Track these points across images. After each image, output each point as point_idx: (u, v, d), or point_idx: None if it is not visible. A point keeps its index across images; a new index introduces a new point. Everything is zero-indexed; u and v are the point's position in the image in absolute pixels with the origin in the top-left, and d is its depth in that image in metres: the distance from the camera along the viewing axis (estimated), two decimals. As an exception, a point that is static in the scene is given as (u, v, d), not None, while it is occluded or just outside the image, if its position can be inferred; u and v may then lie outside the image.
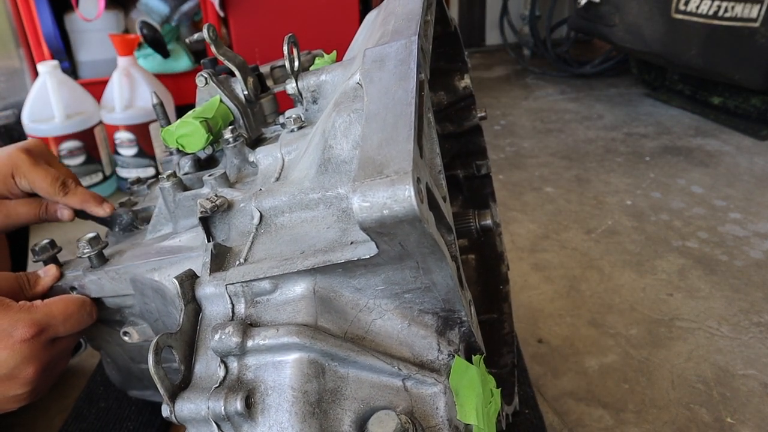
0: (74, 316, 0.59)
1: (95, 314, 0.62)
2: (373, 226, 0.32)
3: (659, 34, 2.19)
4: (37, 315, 0.56)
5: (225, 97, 0.67)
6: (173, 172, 0.61)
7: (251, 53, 1.97)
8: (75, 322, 0.59)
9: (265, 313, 0.41)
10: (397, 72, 0.41)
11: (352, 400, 0.39)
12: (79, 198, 0.72)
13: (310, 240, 0.43)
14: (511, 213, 1.65)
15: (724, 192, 1.72)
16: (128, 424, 0.90)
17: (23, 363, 0.55)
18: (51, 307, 0.57)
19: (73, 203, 0.72)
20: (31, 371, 0.56)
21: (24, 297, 0.62)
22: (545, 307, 1.23)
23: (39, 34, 1.87)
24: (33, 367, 0.56)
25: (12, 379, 0.56)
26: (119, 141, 1.78)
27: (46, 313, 0.56)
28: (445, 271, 0.38)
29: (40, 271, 0.65)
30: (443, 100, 0.85)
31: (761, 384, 1.01)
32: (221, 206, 0.49)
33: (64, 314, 0.58)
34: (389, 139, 0.35)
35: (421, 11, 0.49)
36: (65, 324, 0.58)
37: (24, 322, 0.55)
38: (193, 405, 0.38)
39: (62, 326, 0.58)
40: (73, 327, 0.59)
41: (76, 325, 0.59)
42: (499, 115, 2.49)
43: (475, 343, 0.46)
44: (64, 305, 0.58)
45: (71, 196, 0.71)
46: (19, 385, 0.57)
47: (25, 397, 0.59)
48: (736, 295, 1.24)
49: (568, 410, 0.97)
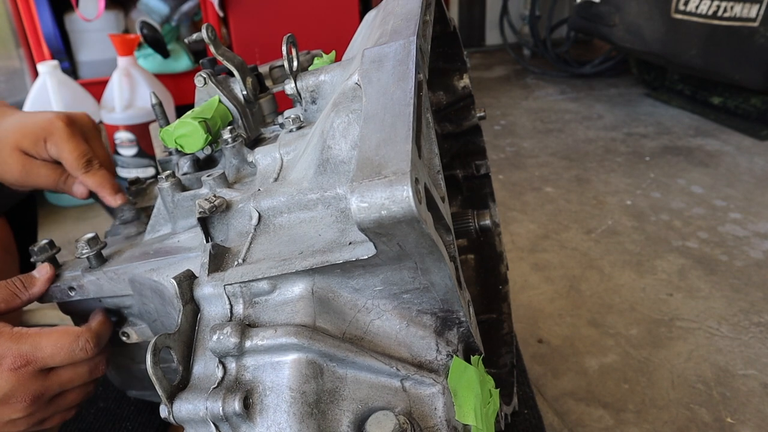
0: (64, 349, 0.56)
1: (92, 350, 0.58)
2: (372, 226, 0.32)
3: (659, 34, 2.19)
4: (23, 346, 0.55)
5: (224, 97, 0.67)
6: (172, 173, 0.61)
7: (251, 53, 1.97)
8: (65, 356, 0.57)
9: (263, 313, 0.41)
10: (395, 72, 0.41)
11: (351, 400, 0.39)
12: (96, 180, 0.72)
13: (308, 240, 0.43)
14: (511, 213, 1.65)
15: (724, 192, 1.72)
16: (127, 425, 0.90)
17: (13, 391, 0.55)
18: (41, 338, 0.56)
19: (89, 183, 0.73)
20: (21, 398, 0.56)
21: (20, 301, 0.62)
22: (545, 307, 1.23)
23: (39, 34, 1.87)
24: (22, 395, 0.55)
25: (5, 405, 0.55)
26: (119, 141, 1.78)
27: (33, 344, 0.55)
28: (443, 271, 0.38)
29: (35, 271, 0.64)
30: (442, 99, 0.85)
31: (761, 384, 1.01)
32: (220, 207, 0.49)
33: (54, 347, 0.56)
34: (387, 140, 0.34)
35: (419, 11, 0.49)
36: (53, 357, 0.56)
37: (12, 351, 0.54)
38: (191, 405, 0.38)
39: (50, 359, 0.56)
40: (64, 360, 0.57)
41: (67, 359, 0.57)
42: (499, 115, 2.49)
43: (474, 344, 0.46)
44: (56, 338, 0.57)
45: (90, 176, 0.72)
46: (13, 411, 0.56)
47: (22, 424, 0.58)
48: (736, 295, 1.24)
49: (568, 410, 0.97)
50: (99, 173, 0.73)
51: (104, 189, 0.73)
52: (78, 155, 0.71)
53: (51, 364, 0.57)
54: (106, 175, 0.73)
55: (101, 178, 0.73)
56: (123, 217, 0.74)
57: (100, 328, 0.60)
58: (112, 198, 0.73)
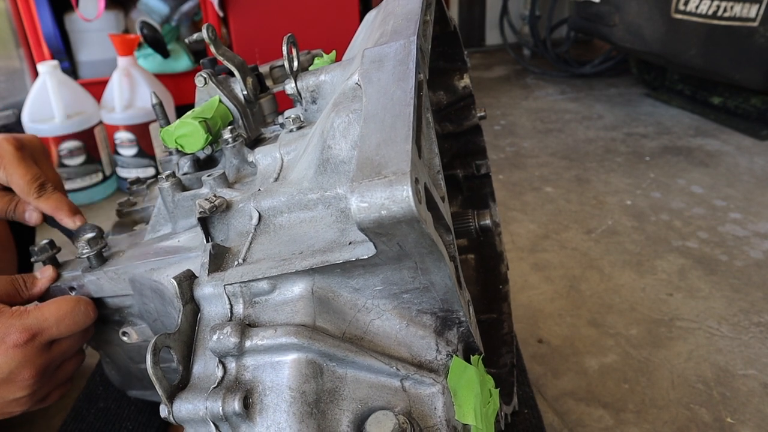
0: (68, 317, 0.58)
1: (93, 312, 0.61)
2: (371, 226, 0.32)
3: (659, 34, 2.19)
4: (28, 320, 0.55)
5: (224, 97, 0.67)
6: (172, 173, 0.61)
7: (251, 53, 1.97)
8: (70, 323, 0.58)
9: (263, 313, 0.41)
10: (395, 72, 0.41)
11: (350, 400, 0.39)
12: (52, 204, 0.69)
13: (308, 240, 0.43)
14: (511, 213, 1.65)
15: (724, 192, 1.72)
16: (127, 424, 0.90)
17: (18, 368, 0.55)
18: (43, 310, 0.57)
19: (44, 207, 0.69)
20: (27, 375, 0.56)
21: (21, 299, 0.62)
22: (545, 307, 1.23)
23: (39, 34, 1.87)
24: (29, 371, 0.56)
25: (9, 383, 0.56)
26: (119, 141, 1.78)
27: (37, 317, 0.56)
28: (443, 271, 0.38)
29: (37, 272, 0.64)
30: (443, 99, 0.85)
31: (761, 384, 1.01)
32: (220, 206, 0.49)
33: (57, 316, 0.57)
34: (387, 140, 0.35)
35: (420, 11, 0.49)
36: (59, 326, 0.57)
37: (16, 327, 0.55)
38: (191, 405, 0.38)
39: (56, 328, 0.57)
40: (69, 328, 0.58)
41: (72, 326, 0.58)
42: (499, 115, 2.49)
43: (474, 343, 0.46)
44: (56, 307, 0.58)
45: (44, 200, 0.69)
46: (18, 389, 0.57)
47: (25, 402, 0.59)
48: (736, 295, 1.24)
49: (568, 410, 0.97)
50: (53, 196, 0.69)
51: (61, 212, 0.69)
52: (30, 179, 0.68)
53: (57, 334, 0.57)
54: (60, 197, 0.70)
55: (56, 201, 0.69)
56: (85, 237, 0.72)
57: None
58: (70, 220, 0.70)
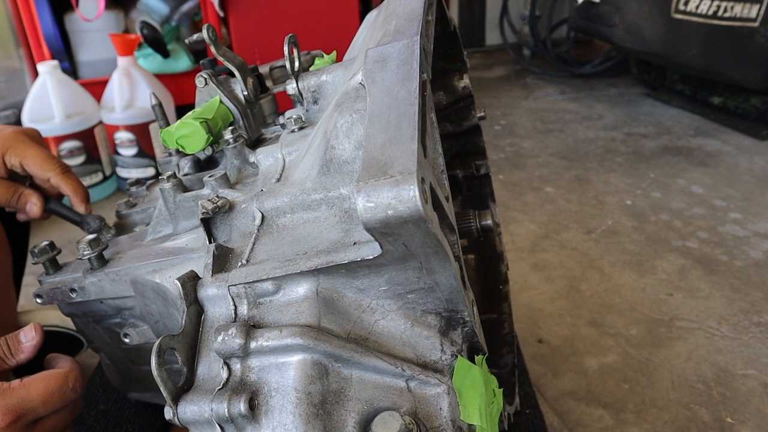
0: (56, 395, 0.54)
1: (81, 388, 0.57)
2: (378, 226, 0.32)
3: (659, 34, 2.20)
4: (12, 400, 0.52)
5: (225, 97, 0.67)
6: (173, 173, 0.61)
7: (251, 53, 1.97)
8: (57, 401, 0.55)
9: (267, 314, 0.41)
10: (399, 72, 0.41)
11: (356, 401, 0.39)
12: (73, 183, 0.70)
13: (312, 241, 0.43)
14: (511, 213, 1.65)
15: (724, 192, 1.72)
16: (128, 427, 0.89)
17: None
18: (30, 389, 0.53)
19: (65, 185, 0.70)
20: None
21: (6, 366, 0.58)
22: (545, 307, 1.23)
23: (39, 34, 1.87)
24: None
25: None
26: (119, 141, 1.78)
27: (23, 396, 0.53)
28: (448, 271, 0.38)
29: (21, 334, 0.60)
30: (442, 100, 0.85)
31: (761, 384, 1.01)
32: (222, 207, 0.49)
33: (44, 396, 0.54)
34: (393, 140, 0.34)
35: (422, 11, 0.49)
36: (45, 406, 0.54)
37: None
38: (196, 407, 0.38)
39: (42, 408, 0.54)
40: (55, 406, 0.55)
41: (58, 403, 0.55)
42: (499, 115, 2.49)
43: (478, 344, 0.46)
44: (44, 385, 0.54)
45: (67, 177, 0.70)
46: None
47: None
48: (736, 295, 1.24)
49: (569, 410, 0.97)
50: (74, 176, 0.70)
51: (80, 194, 0.71)
52: (47, 156, 0.69)
53: (43, 412, 0.54)
54: (78, 180, 0.71)
55: (77, 182, 0.70)
56: (89, 228, 0.73)
57: (76, 365, 0.58)
58: (83, 205, 0.71)
